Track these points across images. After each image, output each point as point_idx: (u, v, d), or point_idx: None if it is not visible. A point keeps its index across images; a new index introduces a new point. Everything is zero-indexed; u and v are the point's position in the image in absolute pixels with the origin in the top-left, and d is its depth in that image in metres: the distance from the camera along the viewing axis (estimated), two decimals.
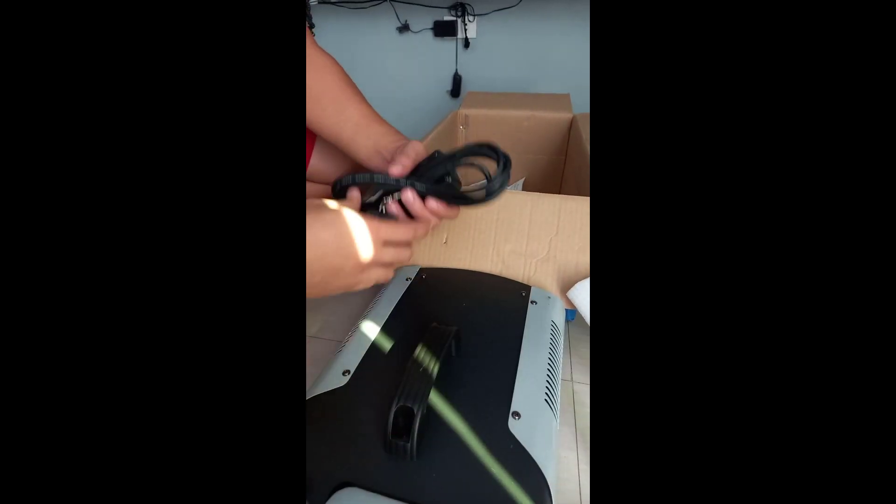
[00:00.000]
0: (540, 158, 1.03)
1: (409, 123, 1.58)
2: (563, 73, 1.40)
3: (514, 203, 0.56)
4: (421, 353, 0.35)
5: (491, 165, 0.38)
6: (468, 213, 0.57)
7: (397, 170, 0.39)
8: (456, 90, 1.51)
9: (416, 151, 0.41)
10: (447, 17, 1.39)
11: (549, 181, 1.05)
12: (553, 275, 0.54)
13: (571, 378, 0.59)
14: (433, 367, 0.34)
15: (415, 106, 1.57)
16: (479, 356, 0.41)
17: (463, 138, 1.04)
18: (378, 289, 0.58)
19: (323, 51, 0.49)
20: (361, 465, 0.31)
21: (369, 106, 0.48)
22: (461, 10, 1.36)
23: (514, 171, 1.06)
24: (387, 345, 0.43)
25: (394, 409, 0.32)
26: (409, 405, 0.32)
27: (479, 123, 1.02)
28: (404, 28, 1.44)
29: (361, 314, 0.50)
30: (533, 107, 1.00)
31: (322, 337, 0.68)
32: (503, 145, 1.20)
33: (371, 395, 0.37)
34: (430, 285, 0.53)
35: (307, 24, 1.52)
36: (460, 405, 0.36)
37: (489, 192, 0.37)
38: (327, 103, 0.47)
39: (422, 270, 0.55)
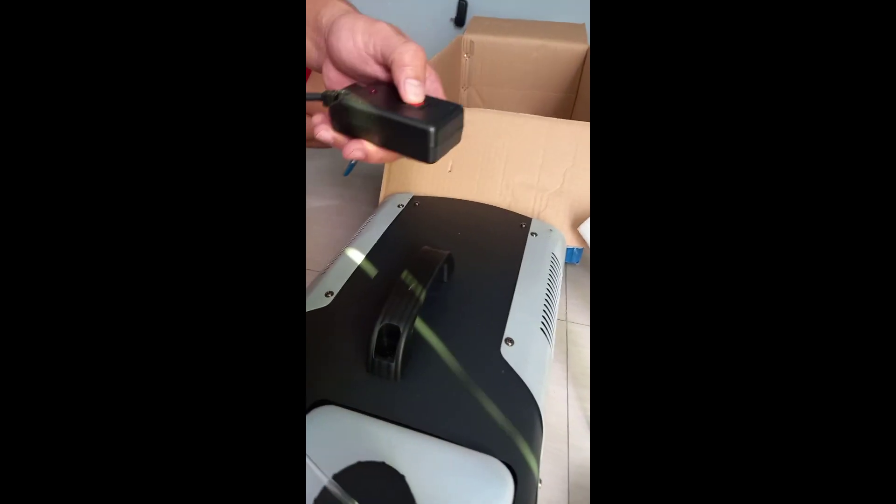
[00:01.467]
0: (550, 95, 0.96)
1: None
2: (582, 5, 1.28)
3: (528, 129, 0.51)
4: (410, 273, 0.33)
5: None
6: (476, 140, 0.52)
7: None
8: (461, 19, 1.39)
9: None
10: None
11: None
12: (565, 210, 0.50)
13: (566, 318, 0.58)
14: (422, 288, 0.31)
15: (414, 34, 1.44)
16: (473, 283, 0.38)
17: (467, 67, 0.96)
18: (365, 216, 0.55)
19: None
20: (341, 383, 0.30)
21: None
22: None
23: (523, 107, 1.00)
24: (373, 269, 0.40)
25: (378, 327, 0.29)
26: (395, 324, 0.29)
27: (484, 51, 0.94)
28: None
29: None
30: (545, 35, 0.92)
31: (309, 268, 0.66)
32: (509, 77, 1.12)
33: (354, 316, 0.35)
34: (423, 213, 0.49)
35: None
36: (450, 330, 0.33)
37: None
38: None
39: (415, 198, 0.52)
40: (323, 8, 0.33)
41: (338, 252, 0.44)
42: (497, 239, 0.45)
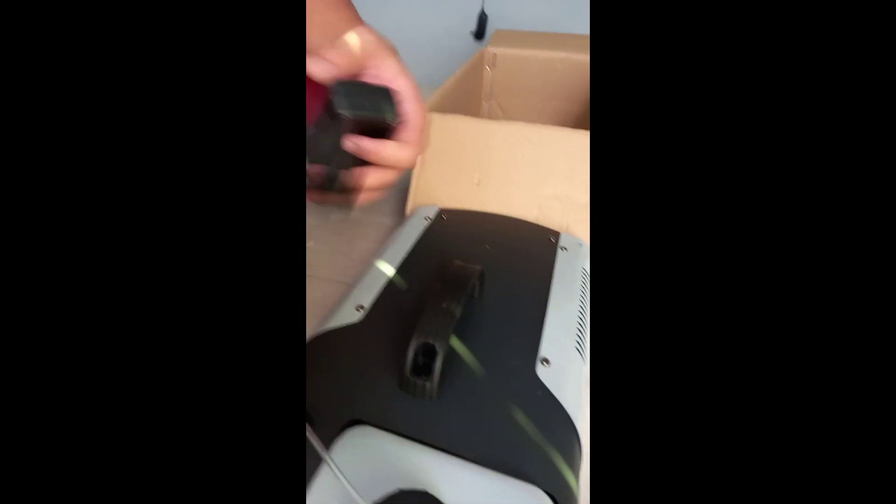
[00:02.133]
0: (572, 107, 0.95)
1: (429, 67, 1.48)
2: None
3: (555, 141, 0.51)
4: (443, 288, 0.32)
5: None
6: (502, 152, 0.52)
7: (318, 68, 0.26)
8: (481, 32, 1.40)
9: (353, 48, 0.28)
10: None
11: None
12: None
13: None
14: (456, 304, 0.31)
15: (434, 48, 1.47)
16: (504, 300, 0.38)
17: (490, 79, 0.97)
18: (387, 227, 0.55)
19: None
20: (375, 403, 0.29)
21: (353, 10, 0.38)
22: None
23: (545, 118, 0.99)
24: (404, 283, 0.40)
25: (413, 346, 0.29)
26: (431, 342, 0.28)
27: (507, 64, 0.94)
28: None
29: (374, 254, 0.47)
30: (567, 48, 0.92)
31: (332, 279, 0.66)
32: (531, 89, 1.12)
33: (387, 332, 0.34)
34: (451, 227, 0.49)
35: None
36: (483, 348, 0.33)
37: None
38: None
39: (442, 211, 0.51)
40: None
41: (366, 264, 0.44)
42: (527, 254, 0.44)
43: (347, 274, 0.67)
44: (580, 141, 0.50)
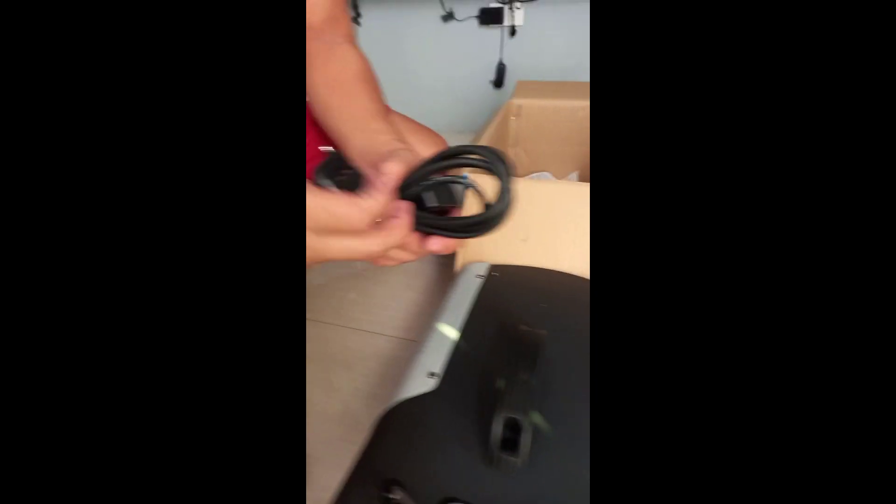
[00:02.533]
0: None
1: (451, 114, 1.55)
2: None
3: None
4: (515, 358, 0.33)
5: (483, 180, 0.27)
6: (548, 207, 0.54)
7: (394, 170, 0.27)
8: (499, 80, 1.47)
9: (405, 163, 0.28)
10: (494, 5, 1.35)
11: None
12: None
13: None
14: (533, 375, 0.32)
15: (456, 97, 1.54)
16: (570, 360, 0.38)
17: (515, 128, 1.01)
18: (445, 285, 0.56)
19: (351, 45, 0.45)
20: (464, 478, 0.30)
21: (380, 102, 0.41)
22: None
23: (568, 163, 1.03)
24: (469, 346, 0.41)
25: (499, 421, 0.29)
26: (516, 417, 0.29)
27: (531, 113, 0.98)
28: (449, 17, 1.40)
29: (424, 311, 0.48)
30: (587, 96, 0.96)
31: (382, 333, 0.67)
32: (555, 136, 1.15)
33: (462, 402, 0.35)
34: (504, 284, 0.50)
35: (353, 15, 1.49)
36: (559, 413, 0.33)
37: (494, 217, 0.25)
38: (333, 99, 0.41)
39: (493, 267, 0.53)
40: (376, 135, 0.34)
41: (416, 317, 0.46)
42: (582, 310, 0.45)
43: (398, 328, 0.68)
44: None
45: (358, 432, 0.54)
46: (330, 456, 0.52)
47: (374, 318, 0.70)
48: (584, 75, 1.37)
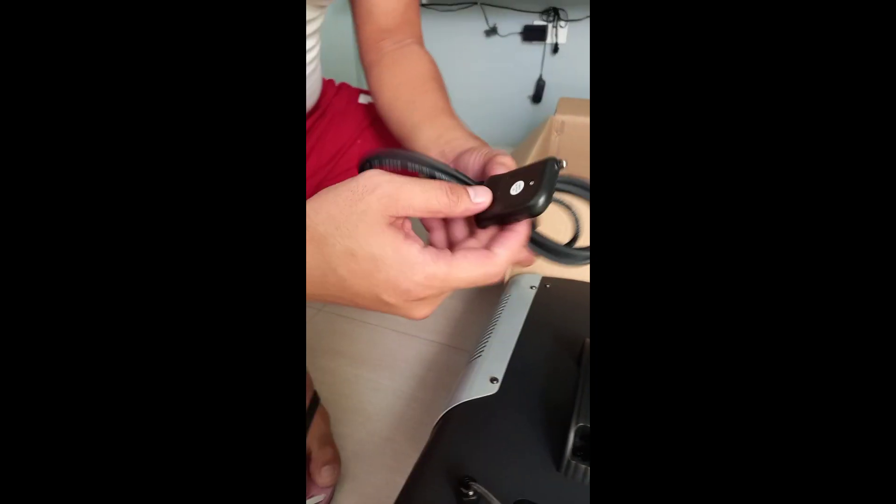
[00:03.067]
0: None
1: (491, 127, 1.57)
2: None
3: None
4: (586, 370, 0.33)
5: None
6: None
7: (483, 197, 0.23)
8: (538, 96, 1.49)
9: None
10: (538, 22, 1.37)
11: None
12: None
13: None
14: None
15: (494, 109, 1.56)
16: None
17: (556, 143, 1.02)
18: (497, 293, 0.57)
19: (420, 46, 0.46)
20: (536, 482, 0.30)
21: (448, 101, 0.41)
22: (554, 14, 1.34)
23: None
24: (528, 354, 0.41)
25: (573, 429, 0.30)
26: (590, 426, 0.29)
27: (574, 130, 0.99)
28: (492, 31, 1.43)
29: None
30: None
31: (426, 338, 0.68)
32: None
33: (526, 408, 0.35)
34: (557, 297, 0.51)
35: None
36: None
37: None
38: (402, 93, 0.42)
39: (544, 279, 0.54)
40: (457, 137, 0.33)
41: (484, 332, 0.46)
42: None
43: (441, 332, 0.69)
44: None
45: (399, 432, 0.55)
46: (370, 453, 0.52)
47: (419, 322, 0.71)
48: None
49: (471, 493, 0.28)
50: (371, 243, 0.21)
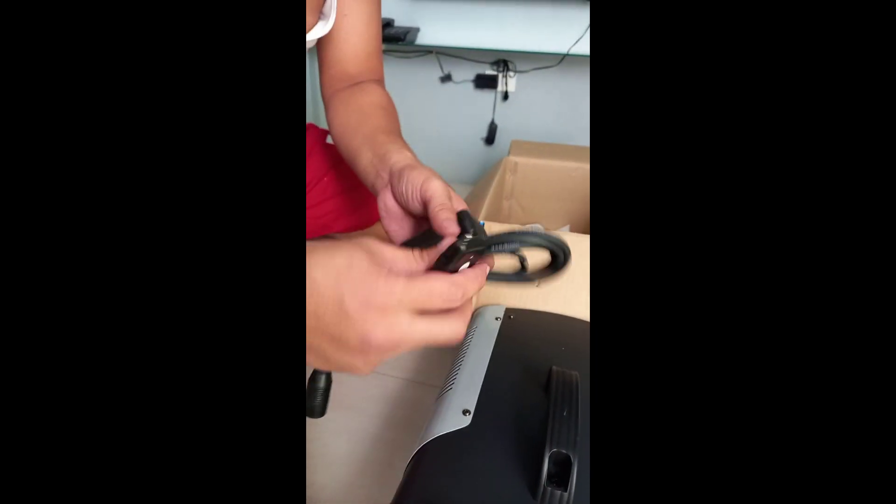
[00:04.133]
0: (585, 208, 1.06)
1: (443, 166, 1.62)
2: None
3: None
4: (558, 397, 0.35)
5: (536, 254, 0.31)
6: None
7: (451, 226, 0.28)
8: (491, 138, 1.58)
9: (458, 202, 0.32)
10: (489, 71, 1.47)
11: None
12: None
13: None
14: (575, 412, 0.33)
15: (450, 149, 1.63)
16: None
17: (510, 183, 1.07)
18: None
19: (378, 84, 0.49)
20: None
21: (391, 122, 0.44)
22: (503, 65, 1.45)
23: (561, 217, 1.09)
24: (498, 384, 0.42)
25: (548, 455, 0.31)
26: (565, 451, 0.31)
27: (527, 170, 1.06)
28: (447, 78, 1.52)
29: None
30: (579, 158, 1.05)
31: (399, 376, 0.66)
32: (549, 192, 1.23)
33: (499, 436, 0.36)
34: (522, 327, 0.53)
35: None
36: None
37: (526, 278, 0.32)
38: (351, 119, 0.44)
39: (508, 310, 0.55)
40: (391, 152, 0.37)
41: (453, 365, 0.47)
42: None
43: (407, 369, 0.67)
44: None
45: (366, 476, 0.52)
46: (339, 500, 0.49)
47: (394, 361, 0.70)
48: (569, 139, 1.49)
49: None
50: (355, 260, 0.22)
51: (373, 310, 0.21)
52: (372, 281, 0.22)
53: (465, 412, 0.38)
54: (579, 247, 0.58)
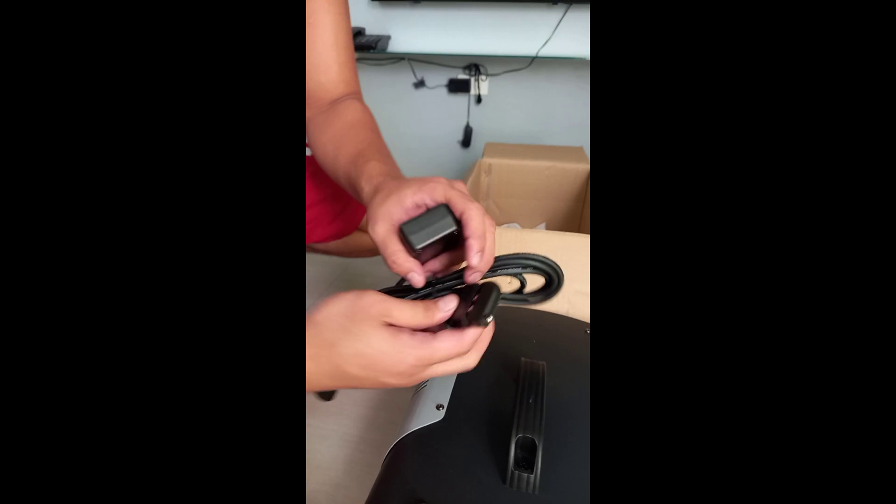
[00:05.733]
0: (560, 205, 1.09)
1: (421, 170, 1.64)
2: (570, 130, 1.51)
3: (577, 245, 0.59)
4: (524, 385, 0.36)
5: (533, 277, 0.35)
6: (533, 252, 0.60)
7: (480, 263, 0.30)
8: (467, 141, 1.60)
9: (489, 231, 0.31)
10: (461, 76, 1.50)
11: (568, 226, 1.10)
12: None
13: None
14: (541, 399, 0.35)
15: (427, 154, 1.65)
16: (566, 390, 0.42)
17: (486, 184, 1.09)
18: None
19: (357, 100, 0.49)
20: (484, 497, 0.31)
21: (371, 141, 0.44)
22: (475, 69, 1.47)
23: (536, 215, 1.12)
24: (471, 379, 0.43)
25: (514, 440, 0.32)
26: (531, 436, 0.32)
27: (501, 171, 1.08)
28: (420, 84, 1.54)
29: None
30: (551, 157, 1.07)
31: None
32: (523, 192, 1.26)
33: (472, 428, 0.37)
34: (496, 322, 0.54)
35: None
36: (563, 437, 0.36)
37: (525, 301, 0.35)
38: (329, 149, 0.45)
39: None
40: (373, 172, 0.37)
41: None
42: (569, 346, 0.50)
43: None
44: None
45: (351, 477, 0.53)
46: (324, 501, 0.50)
47: None
48: (541, 139, 1.53)
49: None
50: (373, 340, 0.27)
51: (409, 376, 0.28)
52: (401, 362, 0.27)
53: (439, 407, 0.40)
54: (551, 243, 0.60)
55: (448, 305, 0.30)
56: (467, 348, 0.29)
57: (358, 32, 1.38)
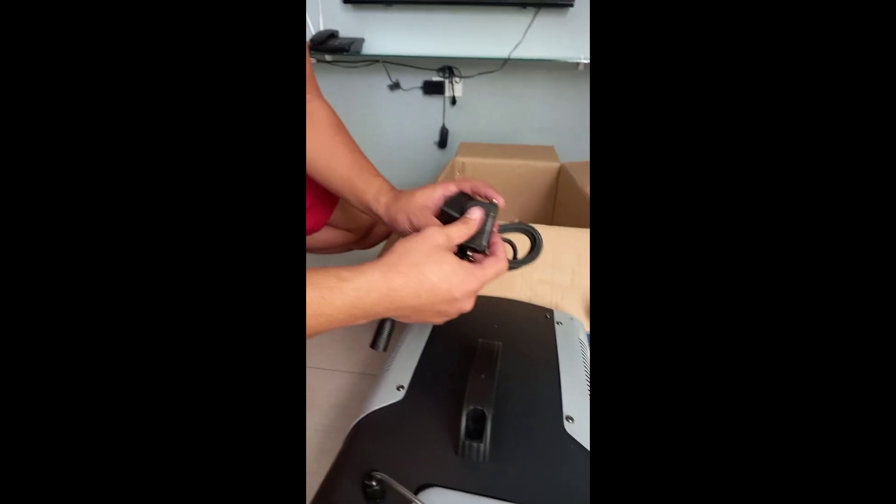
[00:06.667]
0: (531, 201, 1.11)
1: (400, 170, 1.66)
2: (542, 129, 1.55)
3: (545, 237, 0.62)
4: (478, 363, 0.38)
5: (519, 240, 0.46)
6: None
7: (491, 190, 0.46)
8: (443, 142, 1.62)
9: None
10: (436, 78, 1.52)
11: (539, 221, 1.13)
12: (577, 301, 0.58)
13: None
14: (491, 375, 0.37)
15: (404, 155, 1.66)
16: (522, 369, 0.44)
17: None
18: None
19: (319, 99, 0.52)
20: (438, 467, 0.33)
21: (349, 145, 0.50)
22: (449, 72, 1.50)
23: (509, 212, 1.14)
24: (432, 361, 0.45)
25: (465, 412, 0.34)
26: (480, 407, 0.34)
27: (475, 170, 1.10)
28: (395, 86, 1.55)
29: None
30: (523, 156, 1.10)
31: (353, 371, 0.68)
32: (499, 191, 1.29)
33: (429, 406, 0.39)
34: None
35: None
36: (515, 411, 0.38)
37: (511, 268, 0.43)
38: (317, 157, 0.49)
39: None
40: (375, 189, 0.49)
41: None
42: (529, 329, 0.52)
43: (359, 364, 0.70)
44: (562, 234, 0.61)
45: (322, 465, 0.54)
46: None
47: (335, 356, 0.72)
48: (514, 139, 1.56)
49: (373, 482, 0.30)
50: (449, 264, 0.36)
51: (465, 295, 0.37)
52: (459, 288, 0.37)
53: (399, 388, 0.41)
54: (550, 236, 0.62)
55: (474, 215, 0.40)
56: (505, 267, 0.40)
57: (331, 35, 1.39)
